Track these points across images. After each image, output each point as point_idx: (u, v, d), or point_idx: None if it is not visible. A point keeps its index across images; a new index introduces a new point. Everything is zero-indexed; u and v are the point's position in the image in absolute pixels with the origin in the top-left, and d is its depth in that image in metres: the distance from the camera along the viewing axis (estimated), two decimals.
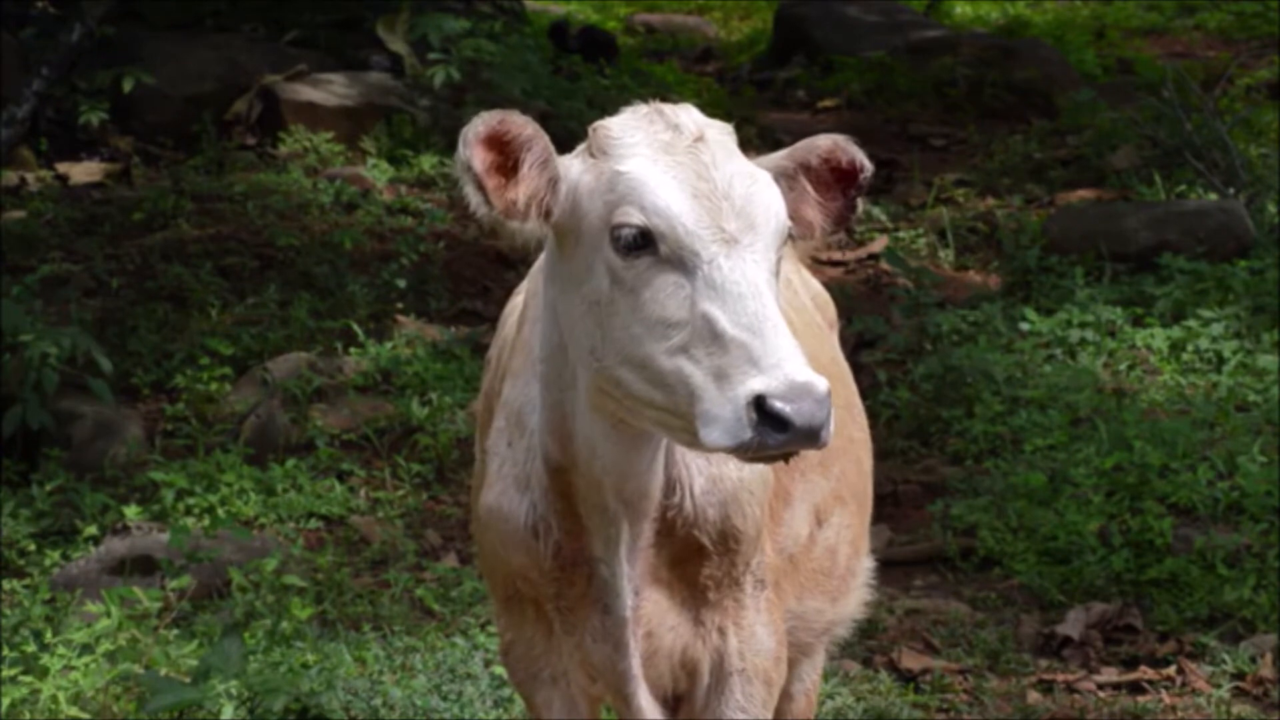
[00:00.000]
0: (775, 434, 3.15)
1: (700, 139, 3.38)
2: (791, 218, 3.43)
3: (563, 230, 3.42)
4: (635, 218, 3.30)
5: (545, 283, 3.56)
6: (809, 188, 3.49)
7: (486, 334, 9.03)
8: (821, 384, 3.16)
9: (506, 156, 3.37)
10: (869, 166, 3.50)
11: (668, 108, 3.45)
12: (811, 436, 3.16)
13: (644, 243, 3.30)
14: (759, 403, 3.15)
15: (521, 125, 3.38)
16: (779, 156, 3.52)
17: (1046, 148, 13.27)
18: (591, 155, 3.43)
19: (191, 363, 9.14)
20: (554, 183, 3.40)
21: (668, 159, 3.35)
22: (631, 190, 3.32)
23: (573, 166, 3.43)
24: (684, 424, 3.27)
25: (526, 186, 3.38)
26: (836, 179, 3.51)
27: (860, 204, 3.53)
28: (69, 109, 12.33)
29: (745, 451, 3.20)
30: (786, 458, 3.24)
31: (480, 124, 3.36)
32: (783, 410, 3.13)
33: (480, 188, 3.36)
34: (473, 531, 4.10)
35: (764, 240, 3.31)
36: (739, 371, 3.18)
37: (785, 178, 3.47)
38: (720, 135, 3.42)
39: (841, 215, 3.52)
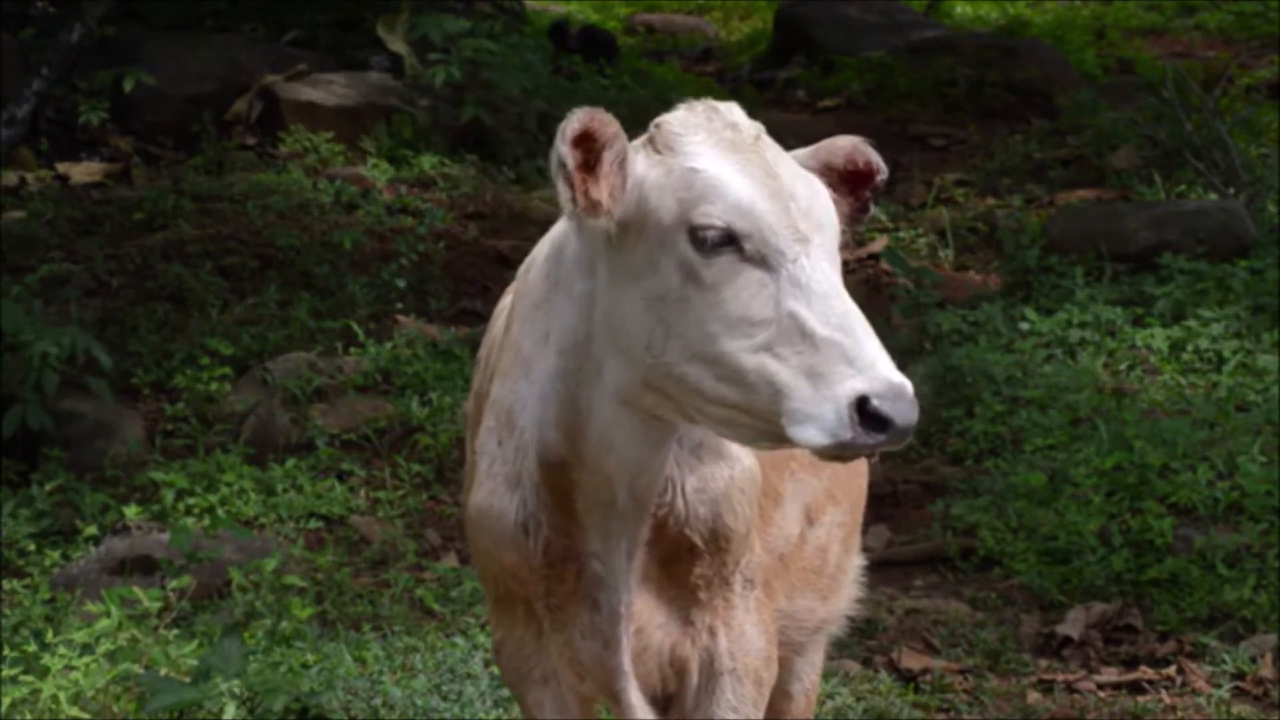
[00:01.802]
0: (874, 434, 3.20)
1: (759, 138, 3.43)
2: None
3: (623, 224, 3.42)
4: (718, 217, 3.31)
5: (576, 276, 3.55)
6: (828, 188, 3.51)
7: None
8: (910, 385, 3.22)
9: (590, 154, 3.38)
10: (885, 169, 3.55)
11: (721, 105, 3.49)
12: (905, 436, 3.22)
13: (727, 241, 3.31)
14: (861, 403, 3.19)
15: (607, 123, 3.38)
16: (802, 156, 3.55)
17: (1046, 148, 13.28)
18: (656, 151, 3.43)
19: (191, 363, 9.14)
20: (626, 180, 3.42)
21: (736, 157, 3.38)
22: (711, 188, 3.34)
23: (637, 162, 3.44)
24: (757, 421, 3.30)
25: (607, 184, 3.39)
26: (853, 180, 3.56)
27: (873, 205, 3.57)
28: (69, 109, 12.34)
29: (840, 450, 3.24)
30: (871, 455, 3.30)
31: (575, 121, 3.34)
32: (885, 411, 3.18)
33: (571, 185, 3.36)
34: (466, 530, 4.10)
35: (831, 240, 3.37)
36: (835, 371, 3.21)
37: None
38: (767, 135, 3.47)
39: (855, 216, 3.56)
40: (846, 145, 3.57)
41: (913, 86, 14.99)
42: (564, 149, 3.34)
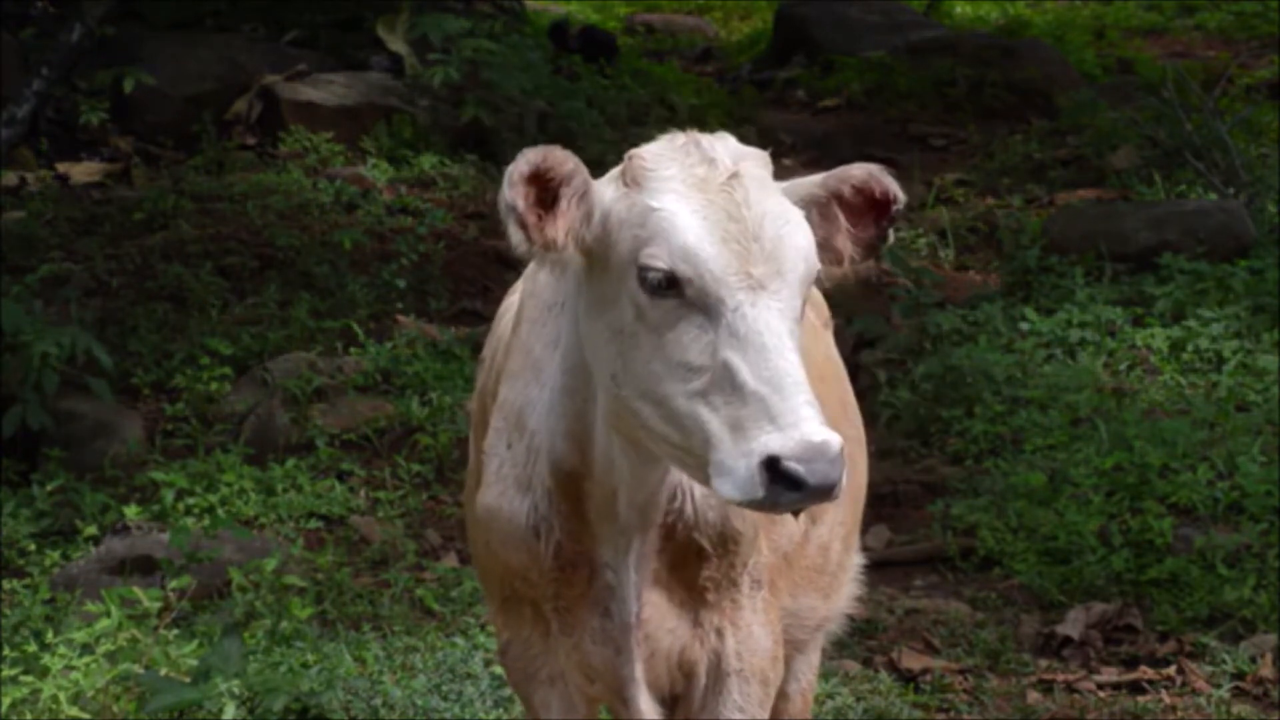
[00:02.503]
0: (788, 493, 3.17)
1: (735, 175, 3.35)
2: (822, 246, 3.42)
3: (591, 255, 3.41)
4: (663, 259, 3.29)
5: (572, 297, 3.56)
6: (841, 216, 3.48)
7: (486, 334, 9.02)
8: (835, 443, 3.18)
9: (546, 191, 3.35)
10: (902, 197, 3.49)
11: (705, 139, 3.43)
12: (823, 495, 3.19)
13: (670, 284, 3.29)
14: (773, 463, 3.16)
15: (562, 160, 3.35)
16: (812, 184, 3.50)
17: (1046, 148, 13.27)
18: (625, 184, 3.40)
19: (191, 363, 9.14)
20: (589, 213, 3.39)
21: (700, 197, 3.32)
22: (661, 230, 3.30)
23: (606, 193, 3.41)
24: (698, 464, 3.29)
25: (565, 221, 3.36)
26: (869, 208, 3.50)
27: (892, 234, 3.52)
28: (69, 109, 12.34)
29: (753, 507, 3.24)
30: (796, 512, 3.28)
31: (524, 163, 3.32)
32: (796, 471, 3.15)
33: (522, 226, 3.33)
34: (469, 530, 4.10)
35: (790, 287, 3.30)
36: (755, 427, 3.19)
37: (817, 206, 3.47)
38: (755, 169, 3.39)
39: (872, 244, 3.52)
40: (859, 175, 3.50)
41: (913, 86, 14.98)
42: (509, 193, 3.31)
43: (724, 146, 3.41)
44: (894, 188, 3.49)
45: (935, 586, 7.39)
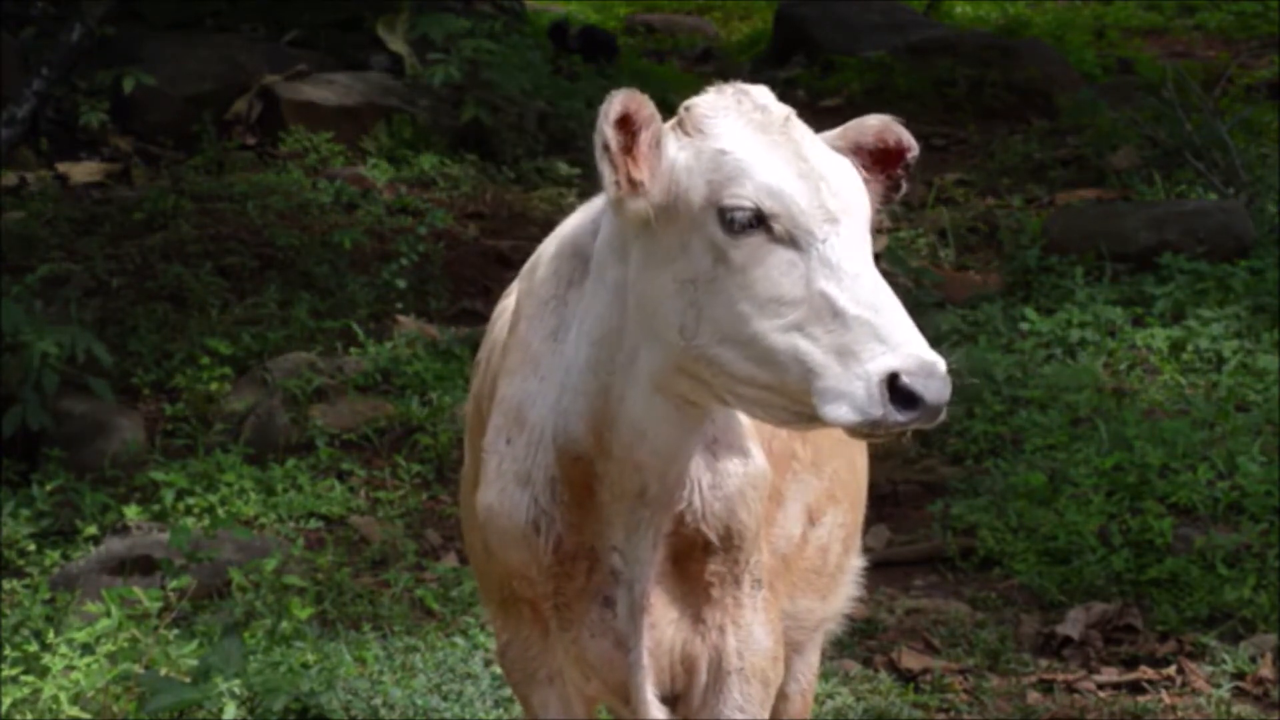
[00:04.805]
0: (905, 411, 3.22)
1: (788, 119, 3.46)
2: None
3: (655, 207, 3.44)
4: (748, 198, 3.34)
5: (609, 262, 3.55)
6: (859, 168, 3.54)
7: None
8: (943, 364, 3.24)
9: (629, 134, 3.41)
10: (915, 146, 3.57)
11: (751, 88, 3.53)
12: (936, 414, 3.24)
13: (756, 222, 3.33)
14: (892, 380, 3.21)
15: (643, 103, 3.42)
16: (831, 137, 3.57)
17: (1046, 148, 13.27)
18: (686, 134, 3.46)
19: (191, 363, 9.14)
20: (661, 160, 3.44)
21: (765, 139, 3.41)
22: (741, 170, 3.37)
23: (668, 145, 3.46)
24: (788, 401, 3.32)
25: (647, 165, 3.42)
26: (884, 159, 3.57)
27: (904, 184, 3.59)
28: (69, 109, 12.34)
29: (871, 428, 3.25)
30: (902, 435, 3.31)
31: (617, 103, 3.38)
32: (915, 387, 3.20)
33: (615, 167, 3.39)
34: (465, 533, 4.10)
35: (860, 223, 3.38)
36: (866, 349, 3.23)
37: None
38: (797, 118, 3.48)
39: (887, 195, 3.59)
40: (876, 124, 3.58)
41: (913, 86, 14.99)
42: (608, 130, 3.37)
43: (769, 96, 3.52)
44: (908, 137, 3.57)
45: (935, 586, 7.39)
